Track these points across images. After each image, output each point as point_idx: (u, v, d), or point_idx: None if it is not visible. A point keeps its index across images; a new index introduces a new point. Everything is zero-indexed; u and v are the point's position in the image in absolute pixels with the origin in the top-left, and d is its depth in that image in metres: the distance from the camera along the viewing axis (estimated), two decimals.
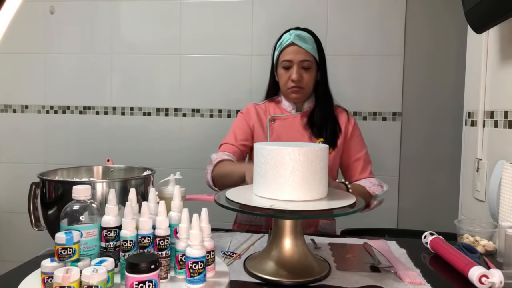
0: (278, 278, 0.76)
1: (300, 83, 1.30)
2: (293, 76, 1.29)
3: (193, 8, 2.01)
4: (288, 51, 1.30)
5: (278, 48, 1.35)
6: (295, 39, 1.30)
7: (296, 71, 1.29)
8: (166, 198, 0.89)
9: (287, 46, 1.31)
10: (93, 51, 2.07)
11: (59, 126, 2.12)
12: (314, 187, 0.78)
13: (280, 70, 1.34)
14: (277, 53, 1.35)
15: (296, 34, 1.31)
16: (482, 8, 1.10)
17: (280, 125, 1.36)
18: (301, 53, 1.30)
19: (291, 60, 1.30)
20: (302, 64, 1.30)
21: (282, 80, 1.34)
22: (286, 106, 1.39)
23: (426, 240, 0.97)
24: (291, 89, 1.32)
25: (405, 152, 1.96)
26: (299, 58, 1.29)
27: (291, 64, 1.30)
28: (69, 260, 0.61)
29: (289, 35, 1.31)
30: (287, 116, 1.37)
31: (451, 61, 1.89)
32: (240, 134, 1.36)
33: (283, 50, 1.32)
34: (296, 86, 1.30)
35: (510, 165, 0.98)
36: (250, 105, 1.44)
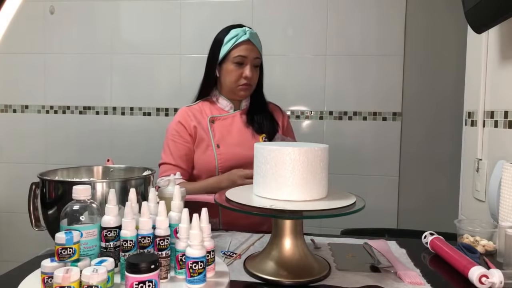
0: (278, 278, 0.76)
1: (251, 81, 1.31)
2: (247, 73, 1.28)
3: (193, 8, 2.01)
4: (243, 47, 1.28)
5: (229, 43, 1.29)
6: (251, 36, 1.29)
7: (250, 68, 1.29)
8: (166, 198, 0.89)
9: (243, 42, 1.28)
10: (93, 51, 2.07)
11: (59, 126, 2.12)
12: (314, 187, 0.78)
13: (230, 65, 1.29)
14: (227, 47, 1.29)
15: (252, 32, 1.31)
16: (482, 8, 1.10)
17: (221, 125, 1.33)
18: (255, 51, 1.30)
19: (246, 56, 1.28)
20: (254, 61, 1.30)
21: (231, 77, 1.30)
22: (223, 105, 1.37)
23: (426, 240, 0.97)
24: (242, 86, 1.30)
25: (405, 152, 1.96)
26: (254, 56, 1.30)
27: (244, 61, 1.29)
28: (69, 260, 0.61)
29: (244, 32, 1.29)
30: (227, 115, 1.35)
31: (451, 61, 1.89)
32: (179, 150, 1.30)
33: (238, 46, 1.28)
34: (247, 84, 1.30)
35: (510, 165, 0.98)
36: (183, 110, 1.36)
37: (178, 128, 1.33)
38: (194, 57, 2.02)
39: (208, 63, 1.36)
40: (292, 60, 1.98)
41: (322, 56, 1.95)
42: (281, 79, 1.97)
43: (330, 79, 1.96)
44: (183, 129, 1.32)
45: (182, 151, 1.31)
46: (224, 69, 1.32)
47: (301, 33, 1.97)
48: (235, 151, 1.29)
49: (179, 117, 1.35)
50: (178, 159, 1.30)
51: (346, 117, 1.97)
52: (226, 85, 1.33)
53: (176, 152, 1.31)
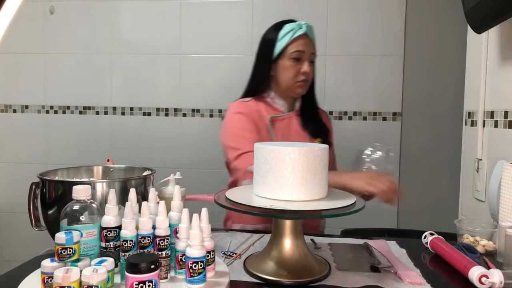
0: (278, 278, 0.76)
1: (309, 77, 1.25)
2: (305, 69, 1.21)
3: (193, 8, 2.01)
4: (301, 42, 1.22)
5: (285, 38, 1.22)
6: (308, 30, 1.23)
7: (307, 63, 1.22)
8: (166, 198, 0.89)
9: (300, 36, 1.21)
10: (93, 51, 2.07)
11: (59, 126, 2.12)
12: (314, 187, 0.78)
13: (287, 61, 1.22)
14: (283, 43, 1.22)
15: (309, 26, 1.24)
16: (482, 8, 1.10)
17: (280, 126, 1.27)
18: (311, 46, 1.24)
19: (303, 51, 1.21)
20: (311, 57, 1.24)
21: (289, 73, 1.23)
22: (279, 105, 1.29)
23: (426, 240, 0.97)
24: (299, 83, 1.23)
25: (405, 152, 1.96)
26: (310, 51, 1.24)
27: (302, 56, 1.22)
28: (69, 260, 0.61)
29: (299, 26, 1.22)
30: (284, 116, 1.29)
31: (451, 61, 1.89)
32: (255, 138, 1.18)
33: (295, 40, 1.21)
34: (304, 80, 1.23)
35: (510, 165, 0.98)
36: (242, 103, 1.27)
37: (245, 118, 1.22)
38: (194, 57, 2.02)
39: (260, 61, 1.29)
40: None
41: (322, 56, 1.95)
42: None
43: (330, 79, 1.96)
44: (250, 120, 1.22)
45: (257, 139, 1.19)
46: (279, 66, 1.24)
47: None
48: None
49: (240, 109, 1.25)
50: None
51: (346, 117, 1.97)
52: (283, 82, 1.25)
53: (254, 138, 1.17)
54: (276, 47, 1.24)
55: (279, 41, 1.23)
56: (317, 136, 1.30)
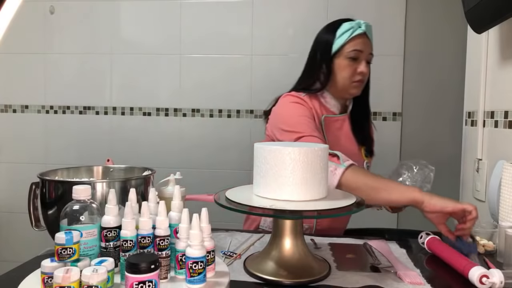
0: (278, 278, 0.76)
1: (365, 77, 1.21)
2: (362, 68, 1.18)
3: (193, 8, 2.01)
4: (360, 41, 1.18)
5: (343, 36, 1.18)
6: (367, 30, 1.20)
7: (364, 63, 1.19)
8: (166, 198, 0.89)
9: (359, 35, 1.18)
10: (93, 51, 2.07)
11: (59, 126, 2.12)
12: (314, 187, 0.78)
13: (343, 60, 1.19)
14: (341, 41, 1.18)
15: (368, 25, 1.21)
16: (482, 8, 1.10)
17: (332, 127, 1.22)
18: (369, 46, 1.21)
19: (361, 50, 1.18)
20: (368, 57, 1.21)
21: (345, 72, 1.19)
22: (331, 105, 1.24)
23: (422, 240, 0.97)
24: (355, 83, 1.19)
25: (405, 152, 1.96)
26: (369, 51, 1.21)
27: (360, 56, 1.18)
28: (69, 260, 0.61)
29: (358, 24, 1.19)
30: (337, 117, 1.24)
31: (451, 61, 1.89)
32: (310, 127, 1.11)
33: (353, 39, 1.18)
34: (361, 80, 1.20)
35: (510, 165, 0.98)
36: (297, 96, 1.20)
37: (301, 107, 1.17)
38: (194, 57, 2.02)
39: (315, 58, 1.25)
40: (292, 60, 1.98)
41: None
42: (282, 79, 1.97)
43: None
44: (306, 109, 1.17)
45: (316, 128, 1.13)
46: (336, 64, 1.20)
47: (301, 33, 1.97)
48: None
49: (297, 99, 1.19)
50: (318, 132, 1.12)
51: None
52: (338, 81, 1.20)
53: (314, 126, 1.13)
54: (334, 45, 1.20)
55: (337, 39, 1.20)
56: (364, 143, 1.28)
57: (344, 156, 1.04)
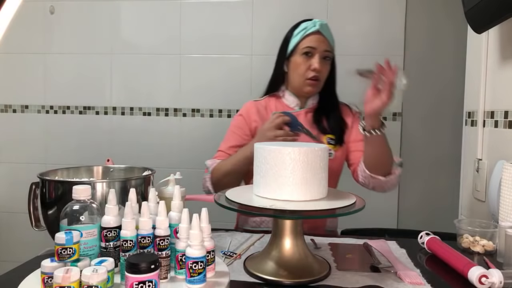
0: (278, 278, 0.76)
1: (320, 74, 1.24)
2: (315, 65, 1.22)
3: (193, 8, 2.01)
4: (313, 38, 1.23)
5: (298, 35, 1.25)
6: (321, 27, 1.24)
7: (318, 60, 1.23)
8: (166, 198, 0.89)
9: (312, 33, 1.24)
10: (93, 51, 2.07)
11: (59, 126, 2.12)
12: (314, 187, 0.78)
13: (298, 58, 1.25)
14: (296, 39, 1.25)
15: (322, 24, 1.26)
16: (482, 8, 1.10)
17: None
18: (325, 43, 1.24)
19: (315, 47, 1.23)
20: (324, 54, 1.24)
21: (299, 69, 1.25)
22: (289, 101, 1.32)
23: (422, 240, 0.97)
24: (309, 80, 1.24)
25: (405, 152, 1.96)
26: (323, 48, 1.24)
27: (313, 52, 1.23)
28: (69, 260, 0.61)
29: (313, 23, 1.25)
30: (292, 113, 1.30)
31: (451, 61, 1.89)
32: (235, 141, 1.29)
33: (306, 37, 1.24)
34: (314, 78, 1.23)
35: (510, 165, 0.98)
36: (249, 103, 1.35)
37: (239, 121, 1.32)
38: (194, 57, 2.02)
39: (277, 58, 1.33)
40: None
41: None
42: None
43: None
44: (244, 123, 1.31)
45: (237, 142, 1.29)
46: (292, 62, 1.27)
47: None
48: None
49: (243, 110, 1.34)
50: (231, 149, 1.28)
51: None
52: (294, 79, 1.28)
53: (233, 142, 1.30)
54: (290, 44, 1.28)
55: (293, 38, 1.27)
56: (327, 132, 1.28)
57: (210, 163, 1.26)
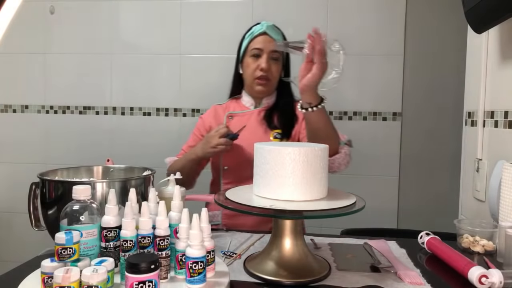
0: (278, 278, 0.76)
1: (268, 73, 1.29)
2: (262, 65, 1.28)
3: (193, 8, 2.01)
4: (259, 39, 1.30)
5: (247, 38, 1.33)
6: (267, 29, 1.31)
7: (265, 60, 1.28)
8: (166, 198, 0.89)
9: (259, 35, 1.31)
10: (93, 51, 2.07)
11: (59, 126, 2.12)
12: (314, 187, 0.78)
13: (248, 59, 1.32)
14: (246, 42, 1.33)
15: (269, 25, 1.32)
16: (482, 8, 1.10)
17: (237, 122, 1.34)
18: (272, 43, 1.29)
19: (261, 48, 1.29)
20: (271, 54, 1.30)
21: (249, 69, 1.32)
22: (245, 101, 1.39)
23: (422, 240, 0.97)
24: (258, 80, 1.30)
25: (405, 152, 1.96)
26: (270, 48, 1.29)
27: (261, 53, 1.30)
28: (69, 260, 0.61)
29: (261, 26, 1.32)
30: (245, 112, 1.36)
31: (451, 61, 1.89)
32: (194, 141, 1.39)
33: (254, 39, 1.31)
34: (263, 77, 1.29)
35: (510, 165, 0.98)
36: (212, 107, 1.44)
37: (199, 122, 1.43)
38: (194, 57, 2.02)
39: (235, 62, 1.41)
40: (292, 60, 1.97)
41: None
42: None
43: None
44: (202, 125, 1.41)
45: (194, 143, 1.38)
46: (244, 64, 1.35)
47: (301, 33, 1.96)
48: (240, 147, 1.29)
49: (205, 113, 1.45)
50: (189, 148, 1.38)
51: (346, 117, 1.97)
52: (246, 80, 1.35)
53: (190, 142, 1.41)
54: (242, 47, 1.36)
55: (244, 41, 1.36)
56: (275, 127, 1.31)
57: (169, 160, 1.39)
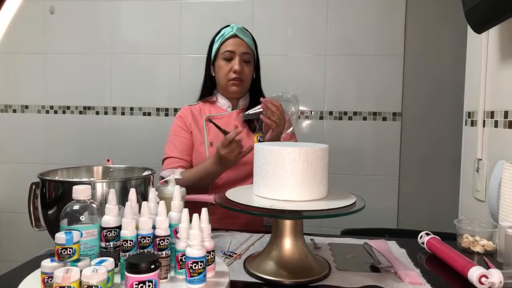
0: (278, 278, 0.76)
1: (241, 75, 1.31)
2: (235, 67, 1.29)
3: (193, 8, 2.01)
4: (231, 42, 1.31)
5: (218, 40, 1.34)
6: (237, 31, 1.32)
7: (238, 62, 1.29)
8: (166, 198, 0.89)
9: (230, 37, 1.31)
10: (93, 51, 2.07)
11: (59, 126, 2.12)
12: (314, 187, 0.78)
13: (220, 62, 1.32)
14: (217, 45, 1.34)
15: (239, 27, 1.33)
16: (482, 8, 1.10)
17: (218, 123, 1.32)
18: (243, 45, 1.31)
19: (233, 51, 1.30)
20: (243, 56, 1.31)
21: (222, 72, 1.32)
22: (222, 104, 1.38)
23: (422, 240, 0.97)
24: (232, 81, 1.31)
25: (405, 152, 1.96)
26: (241, 50, 1.31)
27: (233, 55, 1.30)
28: (69, 260, 0.61)
29: (231, 28, 1.32)
30: (224, 115, 1.36)
31: (451, 61, 1.89)
32: (181, 144, 1.33)
33: (225, 42, 1.32)
34: (237, 78, 1.30)
35: (510, 165, 0.98)
36: (184, 108, 1.41)
37: (179, 122, 1.37)
38: (194, 57, 2.02)
39: (206, 64, 1.40)
40: (292, 60, 1.98)
41: (322, 56, 1.95)
42: (281, 79, 1.97)
43: (330, 79, 1.96)
44: (183, 124, 1.36)
45: (184, 144, 1.34)
46: (216, 66, 1.35)
47: (301, 33, 1.97)
48: None
49: (180, 113, 1.40)
50: (182, 152, 1.33)
51: (346, 117, 1.97)
52: (219, 82, 1.35)
53: (179, 145, 1.34)
54: (213, 50, 1.36)
55: (215, 44, 1.35)
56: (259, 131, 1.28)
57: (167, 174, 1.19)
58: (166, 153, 1.35)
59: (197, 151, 1.33)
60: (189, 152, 1.34)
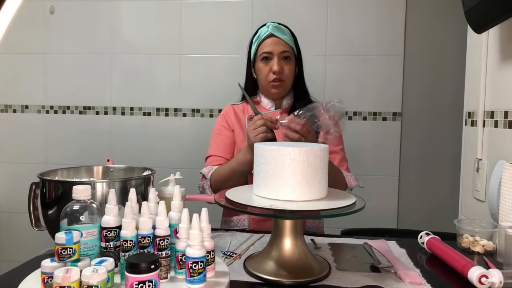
0: (278, 278, 0.76)
1: (281, 75, 1.28)
2: (274, 68, 1.26)
3: (193, 8, 2.01)
4: (267, 42, 1.28)
5: (255, 42, 1.32)
6: (273, 30, 1.28)
7: (277, 62, 1.27)
8: (166, 198, 0.89)
9: (266, 38, 1.29)
10: (93, 51, 2.07)
11: (59, 126, 2.12)
12: (314, 187, 0.78)
13: (259, 63, 1.30)
14: (255, 47, 1.32)
15: (274, 26, 1.30)
16: (482, 8, 1.10)
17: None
18: (280, 44, 1.28)
19: (271, 51, 1.27)
20: (282, 55, 1.28)
21: (262, 74, 1.30)
22: (265, 104, 1.37)
23: (422, 240, 0.97)
24: (272, 83, 1.29)
25: (405, 152, 1.96)
26: (279, 49, 1.27)
27: (271, 56, 1.28)
28: (69, 260, 0.61)
29: (267, 28, 1.30)
30: (266, 114, 1.32)
31: (451, 61, 1.89)
32: (223, 142, 1.34)
33: (262, 43, 1.29)
34: (277, 79, 1.28)
35: (510, 165, 0.98)
36: (227, 107, 1.41)
37: (222, 121, 1.38)
38: (194, 57, 2.02)
39: (246, 66, 1.40)
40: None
41: (322, 56, 1.95)
42: None
43: (330, 79, 1.96)
44: (225, 122, 1.37)
45: (225, 143, 1.34)
46: (256, 69, 1.33)
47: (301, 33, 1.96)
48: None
49: (223, 112, 1.41)
50: (224, 150, 1.33)
51: (346, 117, 1.97)
52: (261, 84, 1.34)
53: (221, 144, 1.34)
54: (251, 52, 1.35)
55: (253, 46, 1.34)
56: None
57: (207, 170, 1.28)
58: (209, 151, 1.37)
59: (238, 149, 1.32)
60: (230, 150, 1.34)
